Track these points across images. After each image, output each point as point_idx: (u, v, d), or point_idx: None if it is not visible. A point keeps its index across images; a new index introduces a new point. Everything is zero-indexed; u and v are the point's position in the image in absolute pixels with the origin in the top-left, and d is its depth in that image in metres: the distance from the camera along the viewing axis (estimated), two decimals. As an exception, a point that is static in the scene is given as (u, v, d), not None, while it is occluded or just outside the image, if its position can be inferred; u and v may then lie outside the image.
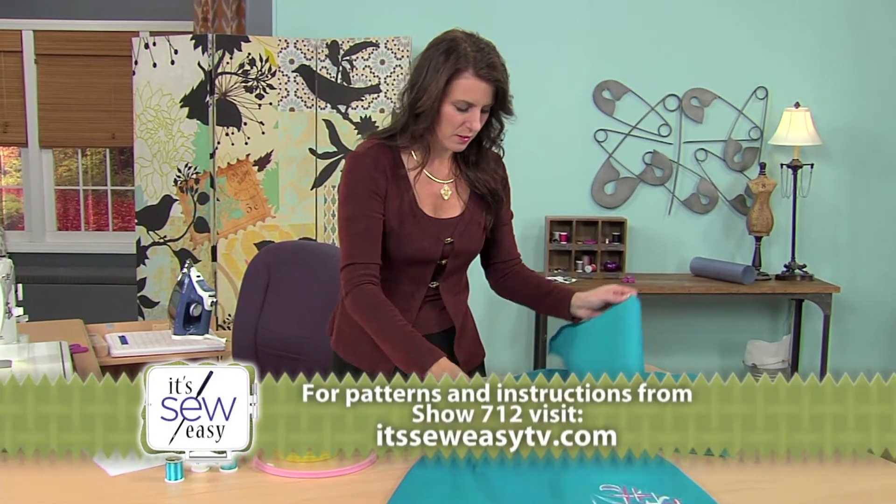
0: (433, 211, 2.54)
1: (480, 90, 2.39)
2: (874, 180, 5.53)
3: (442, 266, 2.57)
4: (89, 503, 1.84)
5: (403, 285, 2.55)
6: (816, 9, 5.41)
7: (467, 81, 2.38)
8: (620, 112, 5.45)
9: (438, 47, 2.42)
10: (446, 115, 2.41)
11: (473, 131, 2.44)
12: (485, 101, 2.41)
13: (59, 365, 3.05)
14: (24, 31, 6.79)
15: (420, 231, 2.51)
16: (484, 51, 2.39)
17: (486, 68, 2.38)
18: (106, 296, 6.49)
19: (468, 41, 2.40)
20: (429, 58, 2.42)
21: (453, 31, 2.44)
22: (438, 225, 2.54)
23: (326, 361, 2.80)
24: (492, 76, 2.39)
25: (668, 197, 5.51)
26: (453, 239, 2.56)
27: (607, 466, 1.94)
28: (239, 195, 5.10)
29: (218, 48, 5.03)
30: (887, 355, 5.65)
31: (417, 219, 2.51)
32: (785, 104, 5.34)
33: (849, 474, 1.99)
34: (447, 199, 2.57)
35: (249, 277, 3.87)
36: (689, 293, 5.19)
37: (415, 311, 2.57)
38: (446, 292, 2.61)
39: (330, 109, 5.13)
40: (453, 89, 2.38)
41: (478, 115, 2.42)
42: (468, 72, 2.37)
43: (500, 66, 2.41)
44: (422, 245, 2.51)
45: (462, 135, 2.44)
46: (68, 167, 7.33)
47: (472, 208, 2.60)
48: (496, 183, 2.61)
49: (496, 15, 5.31)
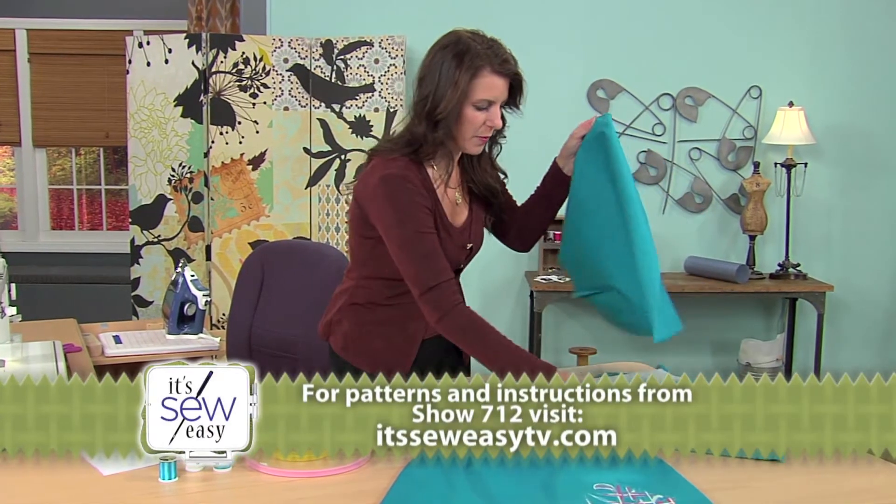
0: (453, 219, 2.53)
1: (499, 86, 2.39)
2: (868, 179, 5.54)
3: (459, 270, 2.58)
4: (83, 503, 1.83)
5: None
6: (810, 8, 5.42)
7: (487, 80, 2.36)
8: (615, 111, 5.44)
9: (446, 50, 2.38)
10: (468, 118, 2.38)
11: (495, 129, 2.44)
12: (503, 96, 2.41)
13: (53, 364, 3.03)
14: (18, 30, 6.77)
15: (451, 243, 2.49)
16: (494, 46, 2.39)
17: (503, 63, 2.37)
18: (100, 295, 6.48)
19: (475, 39, 2.38)
20: (439, 63, 2.37)
21: (456, 32, 2.41)
22: (459, 233, 2.54)
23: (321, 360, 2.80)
24: (509, 70, 2.39)
25: (662, 196, 5.52)
26: (472, 244, 2.58)
27: (601, 466, 1.94)
28: (233, 194, 5.09)
29: (212, 47, 5.02)
30: (880, 354, 5.67)
31: (450, 232, 2.49)
32: (779, 103, 5.35)
33: (842, 472, 1.99)
34: (459, 205, 2.57)
35: (244, 277, 3.87)
36: (683, 292, 5.19)
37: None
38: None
39: (324, 108, 5.12)
40: (474, 90, 2.36)
41: (498, 111, 2.41)
42: (486, 69, 2.35)
43: (512, 58, 2.41)
44: (454, 257, 2.49)
45: (482, 135, 2.43)
46: (62, 166, 7.31)
47: (475, 208, 2.61)
48: (495, 180, 2.62)
49: (491, 14, 5.30)
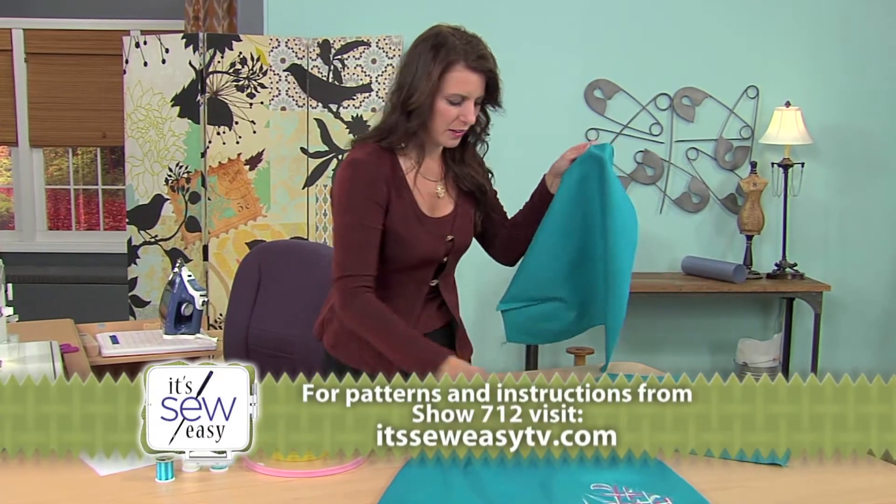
0: (431, 210, 2.55)
1: (473, 82, 2.40)
2: (865, 179, 5.55)
3: (443, 264, 2.59)
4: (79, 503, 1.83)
5: (407, 288, 2.56)
6: (807, 8, 5.42)
7: (460, 74, 2.38)
8: (612, 111, 5.45)
9: (426, 43, 2.41)
10: (440, 111, 2.40)
11: (468, 124, 2.44)
12: (478, 92, 2.42)
13: (50, 365, 3.03)
14: (14, 30, 6.76)
15: (425, 233, 2.51)
16: (472, 42, 2.40)
17: (478, 59, 2.38)
18: (97, 295, 6.48)
19: (455, 34, 2.41)
20: (417, 54, 2.41)
21: (438, 27, 2.44)
22: (439, 224, 2.55)
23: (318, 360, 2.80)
24: (484, 66, 2.40)
25: (659, 196, 5.52)
26: (453, 236, 2.57)
27: (598, 466, 1.94)
28: (230, 194, 5.09)
29: (209, 47, 5.01)
30: (878, 353, 5.67)
31: (421, 221, 2.51)
32: (776, 103, 5.36)
33: (842, 472, 1.99)
34: (441, 198, 2.58)
35: (241, 277, 3.87)
36: (680, 292, 5.19)
37: (418, 311, 2.58)
38: (444, 289, 2.64)
39: (321, 108, 5.12)
40: (446, 83, 2.38)
41: (472, 107, 2.42)
42: (460, 64, 2.37)
43: (490, 56, 2.42)
44: (429, 246, 2.52)
45: (456, 129, 2.44)
46: (59, 166, 7.31)
47: (462, 203, 2.61)
48: (481, 177, 2.63)
49: (488, 13, 5.29)
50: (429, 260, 2.53)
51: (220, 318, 5.02)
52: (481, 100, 2.46)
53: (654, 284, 5.17)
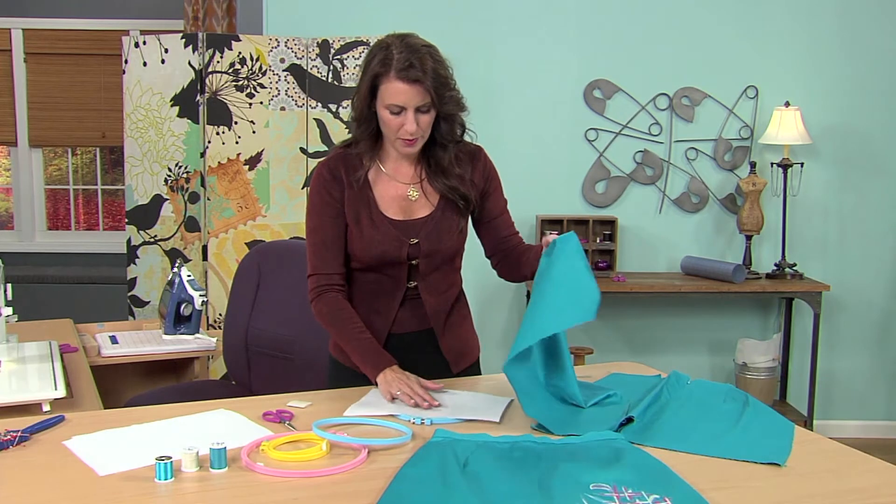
0: (399, 213, 2.57)
1: (405, 92, 2.40)
2: (864, 179, 5.55)
3: (414, 266, 2.59)
4: (78, 502, 1.82)
5: (383, 285, 2.61)
6: (806, 8, 5.42)
7: (390, 84, 2.40)
8: (611, 111, 5.45)
9: (368, 54, 2.48)
10: (384, 120, 2.46)
11: (411, 134, 2.44)
12: (414, 102, 2.41)
13: (49, 365, 3.03)
14: (14, 30, 6.77)
15: (379, 233, 2.55)
16: (407, 52, 2.39)
17: (406, 69, 2.37)
18: (96, 295, 6.49)
19: (397, 43, 2.42)
20: (364, 64, 2.48)
21: (387, 36, 2.47)
22: (401, 226, 2.56)
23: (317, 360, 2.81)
24: (411, 76, 2.38)
25: (658, 196, 5.52)
26: (419, 239, 2.57)
27: (597, 465, 1.94)
28: (229, 194, 5.08)
29: (208, 47, 5.01)
30: (876, 353, 5.67)
31: (375, 222, 2.55)
32: (775, 103, 5.36)
33: (839, 472, 2.00)
34: (415, 201, 2.59)
35: (240, 277, 3.87)
36: (679, 292, 5.19)
37: (394, 310, 2.62)
38: (427, 291, 2.63)
39: (321, 108, 5.12)
40: (381, 94, 2.42)
41: (411, 117, 2.42)
42: (389, 75, 2.39)
43: (421, 66, 2.38)
44: (383, 247, 2.55)
45: (404, 138, 2.46)
46: (58, 166, 7.31)
47: (442, 209, 2.60)
48: (466, 187, 2.60)
49: (487, 13, 5.30)
50: (388, 260, 2.56)
51: (220, 318, 5.02)
52: (428, 108, 2.44)
53: (654, 284, 5.17)
